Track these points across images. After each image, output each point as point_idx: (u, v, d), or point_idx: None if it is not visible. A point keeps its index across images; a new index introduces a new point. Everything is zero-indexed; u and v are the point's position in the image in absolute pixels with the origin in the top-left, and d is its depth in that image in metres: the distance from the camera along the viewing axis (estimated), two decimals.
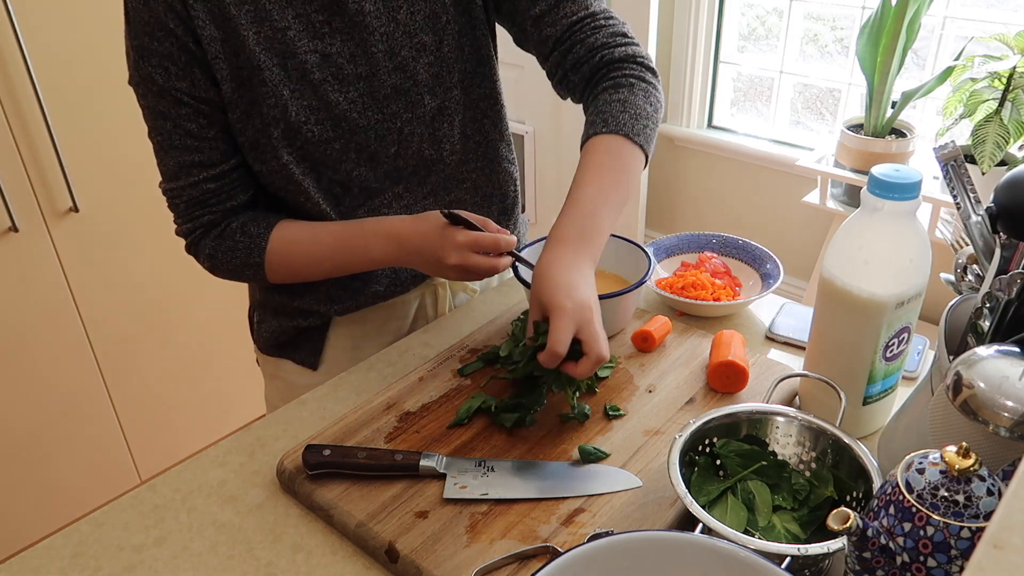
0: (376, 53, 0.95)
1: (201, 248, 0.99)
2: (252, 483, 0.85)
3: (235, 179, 0.98)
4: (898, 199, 0.73)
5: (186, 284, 2.08)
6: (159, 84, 0.90)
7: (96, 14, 1.74)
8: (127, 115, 1.84)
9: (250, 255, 0.98)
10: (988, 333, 0.71)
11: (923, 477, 0.56)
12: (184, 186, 0.95)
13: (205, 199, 0.96)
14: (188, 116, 0.92)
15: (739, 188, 2.76)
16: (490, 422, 0.89)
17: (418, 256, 0.94)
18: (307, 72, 0.93)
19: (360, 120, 0.96)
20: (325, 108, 0.94)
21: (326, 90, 0.94)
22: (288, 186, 0.98)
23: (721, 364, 0.92)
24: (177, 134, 0.93)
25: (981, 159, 1.79)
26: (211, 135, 0.94)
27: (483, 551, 0.73)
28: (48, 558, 0.77)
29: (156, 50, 0.88)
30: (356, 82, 0.95)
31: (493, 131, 1.09)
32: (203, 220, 0.98)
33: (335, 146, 0.96)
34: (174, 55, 0.88)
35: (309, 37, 0.92)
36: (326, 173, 0.99)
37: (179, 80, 0.90)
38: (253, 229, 0.98)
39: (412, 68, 0.98)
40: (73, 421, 1.97)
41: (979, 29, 2.16)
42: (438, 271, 0.94)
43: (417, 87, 0.99)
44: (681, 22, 2.65)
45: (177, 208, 0.98)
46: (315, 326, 1.10)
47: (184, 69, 0.89)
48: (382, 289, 1.08)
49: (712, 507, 0.74)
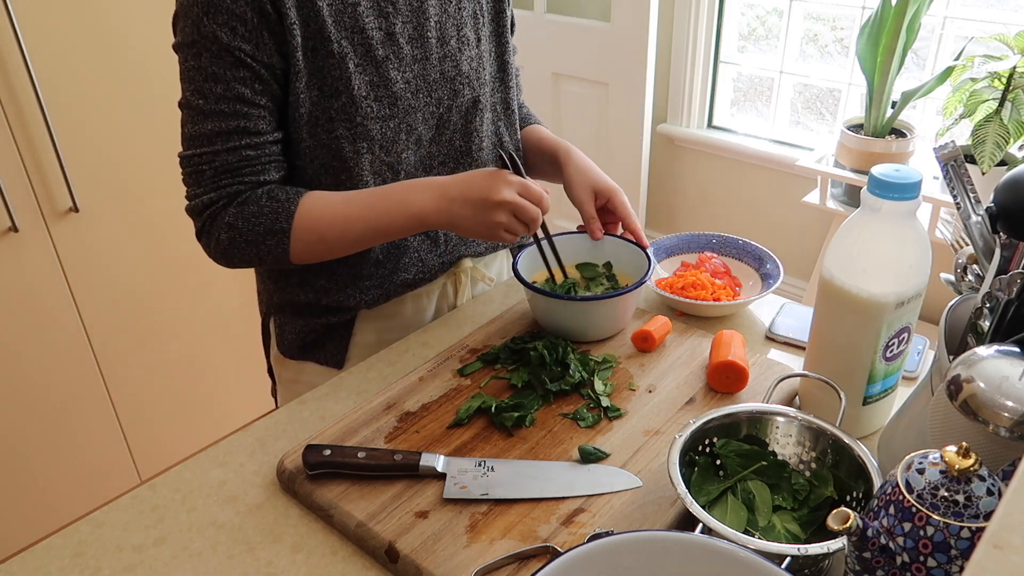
0: (430, 38, 1.00)
1: (220, 221, 0.94)
2: (252, 483, 0.85)
3: (273, 153, 0.96)
4: (898, 199, 0.73)
5: (186, 284, 2.08)
6: (222, 43, 0.88)
7: (96, 14, 1.74)
8: (127, 115, 1.84)
9: (276, 220, 0.94)
10: (988, 333, 0.71)
11: (923, 477, 0.56)
12: (219, 151, 0.92)
13: (240, 167, 0.94)
14: (244, 80, 0.91)
15: (739, 188, 2.76)
16: (490, 422, 0.89)
17: (462, 201, 0.93)
18: (372, 48, 0.95)
19: (412, 101, 1.00)
20: (384, 85, 0.97)
21: (387, 68, 0.97)
22: (333, 162, 0.98)
23: (721, 364, 0.92)
24: (226, 98, 0.91)
25: (981, 159, 1.79)
26: (262, 103, 0.93)
27: (483, 551, 0.73)
28: (48, 558, 0.77)
29: (228, 8, 0.87)
30: (412, 64, 0.99)
31: (506, 134, 1.15)
32: (230, 190, 0.94)
33: (390, 124, 0.99)
34: (246, 15, 0.88)
35: (375, 14, 0.95)
36: (380, 154, 1.00)
37: (245, 41, 0.89)
38: (281, 195, 0.95)
39: (457, 58, 1.03)
40: (73, 421, 1.97)
41: (979, 29, 2.16)
42: (484, 215, 0.92)
43: (460, 77, 1.04)
44: (681, 22, 2.65)
45: (201, 175, 0.94)
46: (342, 322, 1.10)
47: (253, 31, 0.89)
48: (411, 277, 1.09)
49: (712, 507, 0.74)
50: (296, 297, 1.08)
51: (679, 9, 2.63)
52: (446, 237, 1.11)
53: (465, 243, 1.14)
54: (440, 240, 1.11)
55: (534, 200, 0.94)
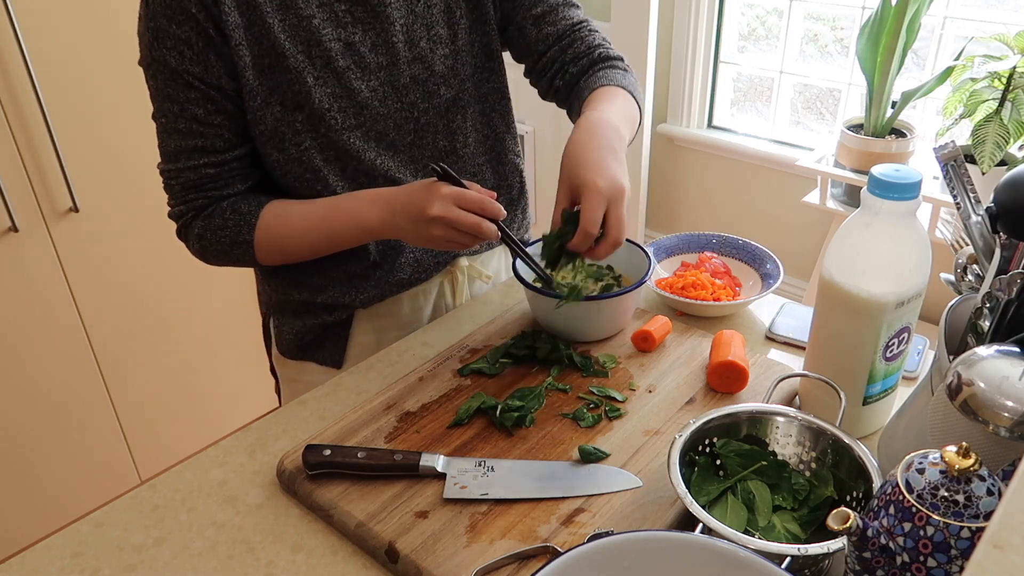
0: (396, 43, 0.98)
1: (191, 230, 0.99)
2: (252, 483, 0.85)
3: (235, 168, 0.98)
4: (898, 199, 0.73)
5: (186, 284, 2.08)
6: (171, 67, 0.90)
7: (96, 14, 1.74)
8: (127, 115, 1.84)
9: (239, 232, 0.98)
10: (988, 333, 0.71)
11: (923, 477, 0.56)
12: (182, 168, 0.96)
13: (202, 183, 0.97)
14: (196, 101, 0.92)
15: (739, 188, 2.76)
16: (490, 422, 0.89)
17: (404, 215, 0.91)
18: (331, 60, 0.94)
19: (381, 109, 0.99)
20: (348, 96, 0.96)
21: (349, 78, 0.96)
22: (306, 175, 0.99)
23: (721, 364, 0.92)
24: (183, 118, 0.93)
25: (981, 159, 1.79)
26: (217, 122, 0.94)
27: (483, 551, 0.73)
28: (48, 558, 0.77)
29: (173, 33, 0.89)
30: (377, 71, 0.98)
31: (501, 124, 1.13)
32: (196, 203, 0.98)
33: (357, 134, 0.98)
34: (191, 40, 0.89)
35: (333, 26, 0.94)
36: (351, 163, 1.00)
37: (193, 64, 0.90)
38: (244, 207, 0.98)
39: (429, 59, 1.01)
40: (73, 421, 1.97)
41: (979, 29, 2.16)
42: (423, 229, 0.90)
43: (434, 78, 1.02)
44: (681, 22, 2.65)
45: (172, 189, 0.98)
46: (339, 322, 1.10)
47: (199, 54, 0.90)
48: (406, 277, 1.09)
49: (712, 507, 0.74)
50: (291, 296, 1.09)
51: (679, 9, 2.63)
52: None
53: None
54: None
55: (473, 208, 0.87)
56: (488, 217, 0.88)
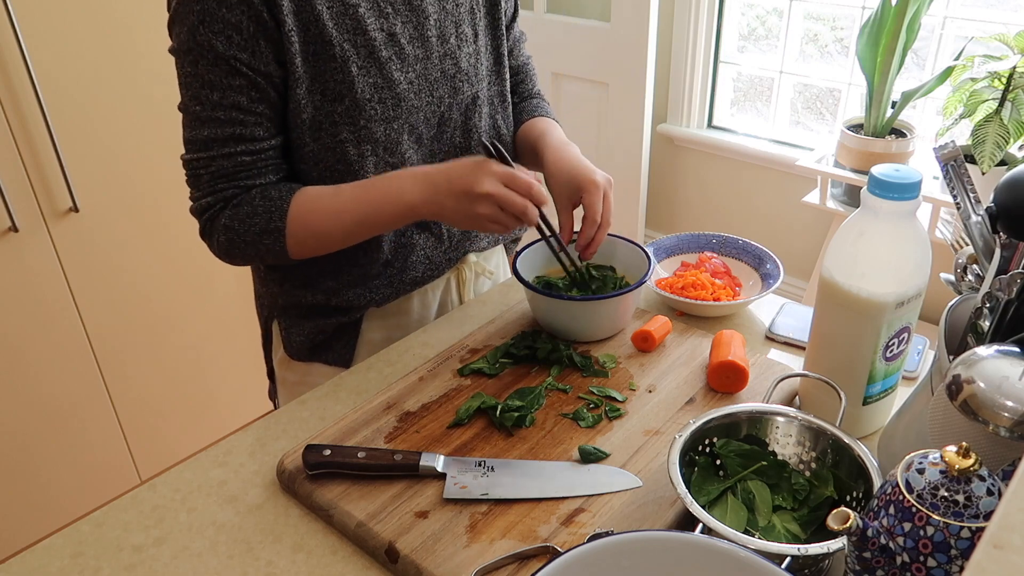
0: (430, 37, 1.00)
1: (217, 223, 0.96)
2: (252, 483, 0.85)
3: (270, 158, 0.96)
4: (898, 199, 0.73)
5: (186, 284, 2.08)
6: (217, 52, 0.88)
7: (96, 14, 1.74)
8: (127, 115, 1.84)
9: (271, 219, 0.94)
10: (988, 333, 0.71)
11: (923, 477, 0.56)
12: (216, 156, 0.93)
13: (236, 172, 0.94)
14: (241, 88, 0.90)
15: (739, 188, 2.76)
16: (490, 422, 0.89)
17: (447, 192, 0.91)
18: (375, 50, 0.95)
19: (415, 101, 1.00)
20: (388, 87, 0.97)
21: (390, 69, 0.96)
22: (337, 165, 0.98)
23: (721, 364, 0.92)
24: (222, 106, 0.91)
25: (981, 159, 1.79)
26: (259, 110, 0.93)
27: (483, 551, 0.73)
28: (48, 558, 0.77)
29: (223, 17, 0.87)
30: (414, 63, 0.99)
31: (504, 126, 1.15)
32: (226, 193, 0.95)
33: (394, 126, 0.98)
34: (242, 24, 0.87)
35: (376, 15, 0.95)
36: (384, 156, 0.99)
37: (241, 50, 0.88)
38: (274, 193, 0.95)
39: (456, 55, 1.03)
40: (73, 421, 1.97)
41: (979, 29, 2.16)
42: (467, 207, 0.90)
43: (460, 74, 1.04)
44: (681, 22, 2.65)
45: (199, 180, 0.95)
46: (350, 322, 1.10)
47: (249, 40, 0.88)
48: (419, 275, 1.09)
49: (712, 507, 0.74)
50: (303, 299, 1.08)
51: (679, 9, 2.63)
52: (449, 233, 1.11)
53: (468, 238, 1.14)
54: (444, 237, 1.11)
55: (521, 190, 0.90)
56: (534, 202, 0.91)
